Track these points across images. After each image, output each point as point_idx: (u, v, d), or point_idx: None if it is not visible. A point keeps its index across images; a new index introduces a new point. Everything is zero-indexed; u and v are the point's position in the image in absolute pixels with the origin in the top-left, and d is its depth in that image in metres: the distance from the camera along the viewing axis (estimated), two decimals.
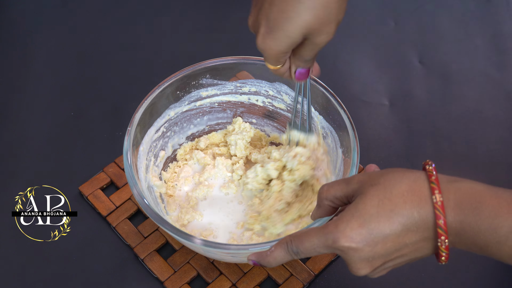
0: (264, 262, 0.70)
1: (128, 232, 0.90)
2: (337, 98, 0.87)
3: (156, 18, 1.20)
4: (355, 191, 0.65)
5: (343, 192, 0.67)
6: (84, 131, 1.03)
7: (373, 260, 0.63)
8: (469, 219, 0.59)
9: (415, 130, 1.03)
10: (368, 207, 0.62)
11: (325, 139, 0.92)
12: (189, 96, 0.94)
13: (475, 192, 0.60)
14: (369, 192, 0.63)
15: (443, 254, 0.62)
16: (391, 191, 0.62)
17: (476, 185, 0.61)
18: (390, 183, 0.62)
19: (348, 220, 0.62)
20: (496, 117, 1.04)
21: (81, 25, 1.19)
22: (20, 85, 1.09)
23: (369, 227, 0.61)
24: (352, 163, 0.83)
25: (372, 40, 1.17)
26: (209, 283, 0.86)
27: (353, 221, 0.62)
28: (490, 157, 0.99)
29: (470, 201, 0.60)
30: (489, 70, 1.11)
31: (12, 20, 1.18)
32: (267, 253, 0.69)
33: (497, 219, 0.58)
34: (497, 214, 0.59)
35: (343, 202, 0.68)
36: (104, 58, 1.14)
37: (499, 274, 0.87)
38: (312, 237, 0.65)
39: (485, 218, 0.59)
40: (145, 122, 0.89)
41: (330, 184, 0.68)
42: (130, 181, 0.81)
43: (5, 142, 1.01)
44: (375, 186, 0.63)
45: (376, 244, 0.62)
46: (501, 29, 1.17)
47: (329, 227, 0.63)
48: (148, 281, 0.87)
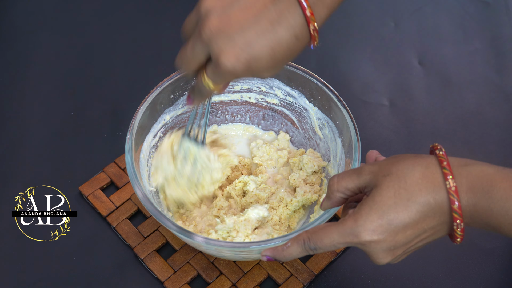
0: (280, 257, 0.70)
1: (128, 232, 0.90)
2: (337, 95, 0.88)
3: (156, 18, 1.20)
4: (367, 182, 0.66)
5: (355, 183, 0.67)
6: (84, 131, 1.03)
7: (394, 249, 0.64)
8: (482, 202, 0.61)
9: (414, 130, 1.03)
10: (385, 198, 0.63)
11: (322, 129, 0.92)
12: (183, 99, 0.94)
13: (486, 175, 0.62)
14: (384, 183, 0.64)
15: (458, 236, 0.63)
16: (405, 180, 0.63)
17: (487, 167, 0.63)
18: (403, 172, 0.63)
19: (367, 213, 0.63)
20: (495, 119, 1.04)
21: (81, 25, 1.19)
22: (20, 85, 1.09)
23: (388, 218, 0.63)
24: (354, 158, 0.83)
25: (372, 41, 1.17)
26: (209, 283, 0.86)
27: (372, 214, 0.63)
28: (489, 159, 0.98)
29: (482, 185, 0.61)
30: (488, 73, 1.11)
31: (12, 20, 1.18)
32: (283, 248, 0.70)
33: (508, 201, 0.60)
34: (508, 197, 0.60)
35: (355, 192, 0.68)
36: (104, 58, 1.14)
37: (499, 275, 0.87)
38: (332, 233, 0.65)
39: (497, 201, 0.60)
40: (143, 127, 0.88)
41: (341, 175, 0.69)
42: (134, 182, 0.81)
43: (5, 142, 1.01)
44: (388, 177, 0.64)
45: (397, 233, 0.63)
46: (500, 32, 1.17)
47: (348, 223, 0.64)
48: (148, 281, 0.87)
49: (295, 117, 0.97)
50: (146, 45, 1.16)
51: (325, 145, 0.93)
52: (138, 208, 0.93)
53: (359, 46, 1.17)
